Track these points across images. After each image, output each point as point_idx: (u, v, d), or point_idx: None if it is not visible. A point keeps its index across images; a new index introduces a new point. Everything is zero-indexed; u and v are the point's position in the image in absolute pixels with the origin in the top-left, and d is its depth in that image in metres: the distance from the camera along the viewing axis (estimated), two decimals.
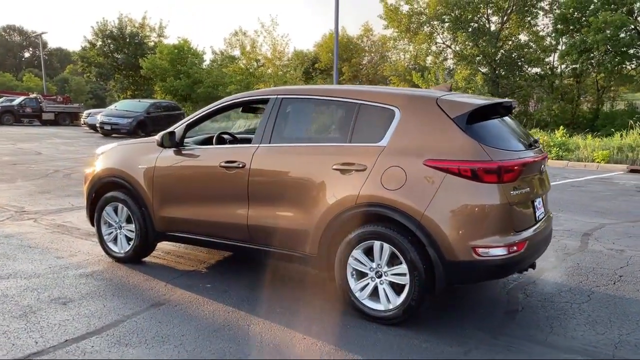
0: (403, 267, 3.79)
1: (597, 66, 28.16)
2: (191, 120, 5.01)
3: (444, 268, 3.66)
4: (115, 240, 5.41)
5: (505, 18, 31.63)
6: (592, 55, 27.86)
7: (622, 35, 27.10)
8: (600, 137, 19.98)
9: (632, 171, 13.12)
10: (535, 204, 4.10)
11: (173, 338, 3.68)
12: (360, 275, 4.02)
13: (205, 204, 4.75)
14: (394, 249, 3.80)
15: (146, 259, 5.44)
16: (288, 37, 58.28)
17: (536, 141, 4.42)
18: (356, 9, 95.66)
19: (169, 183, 4.95)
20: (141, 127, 23.12)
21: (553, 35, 30.48)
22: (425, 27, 32.36)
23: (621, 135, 17.27)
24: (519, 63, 32.26)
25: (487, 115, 4.01)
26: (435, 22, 32.09)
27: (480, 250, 3.61)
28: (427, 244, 3.68)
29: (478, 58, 31.54)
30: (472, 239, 3.62)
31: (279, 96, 4.57)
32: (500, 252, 3.63)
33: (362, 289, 4.00)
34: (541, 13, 31.61)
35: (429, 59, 33.86)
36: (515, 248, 3.68)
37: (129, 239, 5.32)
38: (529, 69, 32.68)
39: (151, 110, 23.84)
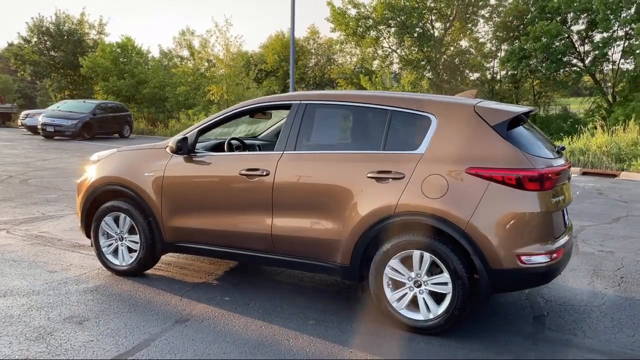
0: (445, 276, 3.76)
1: (534, 72, 29.39)
2: (204, 125, 4.80)
3: (489, 276, 3.67)
4: (115, 252, 5.11)
5: (448, 24, 32.48)
6: (530, 62, 29.08)
7: (557, 43, 28.39)
8: None
9: (585, 174, 13.72)
10: (564, 211, 4.17)
11: (215, 357, 3.49)
12: (397, 285, 3.96)
13: (223, 213, 4.56)
14: (435, 258, 3.77)
15: (148, 271, 5.15)
16: (242, 38, 57.66)
17: (563, 148, 4.51)
18: (302, 10, 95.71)
19: (182, 191, 4.72)
20: (86, 129, 22.12)
21: (494, 42, 31.58)
22: (371, 31, 32.75)
23: (571, 140, 18.05)
24: (461, 68, 33.21)
25: (517, 122, 4.05)
26: (382, 27, 32.55)
27: (524, 258, 3.64)
28: (472, 253, 3.67)
29: (422, 63, 32.27)
30: (517, 246, 3.64)
31: (302, 102, 4.45)
32: (542, 259, 3.68)
33: (400, 299, 3.95)
34: (482, 20, 32.69)
35: (376, 62, 34.32)
36: (555, 255, 3.74)
37: (131, 251, 5.04)
38: (470, 74, 33.73)
39: (97, 112, 22.83)
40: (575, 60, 29.92)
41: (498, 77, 33.14)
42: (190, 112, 26.31)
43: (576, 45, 29.67)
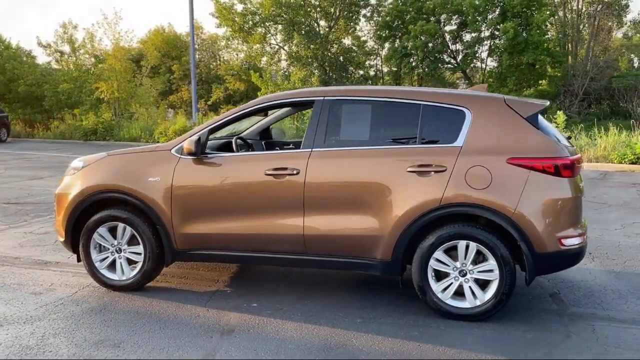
0: (491, 264, 3.92)
1: (415, 69, 31.09)
2: (216, 124, 4.55)
3: (534, 260, 3.87)
4: (111, 266, 4.67)
5: (333, 23, 33.24)
6: (411, 60, 30.73)
7: (435, 42, 30.25)
8: None
9: None
10: None
11: None
12: (442, 275, 4.04)
13: (246, 216, 4.35)
14: (481, 247, 3.91)
15: (147, 284, 4.77)
16: (133, 32, 54.10)
17: (569, 138, 4.85)
18: (183, 4, 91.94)
19: (196, 196, 4.44)
20: None
21: (377, 40, 32.86)
22: (259, 27, 32.58)
23: None
24: (346, 66, 34.15)
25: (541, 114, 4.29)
26: (270, 23, 32.52)
27: (564, 240, 3.91)
28: (519, 239, 3.86)
29: (310, 60, 32.76)
30: (558, 230, 3.90)
31: (326, 97, 4.37)
32: (577, 241, 3.98)
33: (445, 289, 4.05)
34: (363, 19, 33.88)
35: (264, 59, 34.21)
36: (584, 237, 4.05)
37: (130, 263, 4.64)
38: (355, 71, 34.80)
39: None
40: (449, 59, 32.02)
41: (381, 74, 34.54)
42: (77, 112, 24.36)
43: (449, 45, 31.76)
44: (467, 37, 31.70)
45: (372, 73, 34.60)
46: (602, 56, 31.75)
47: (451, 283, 4.05)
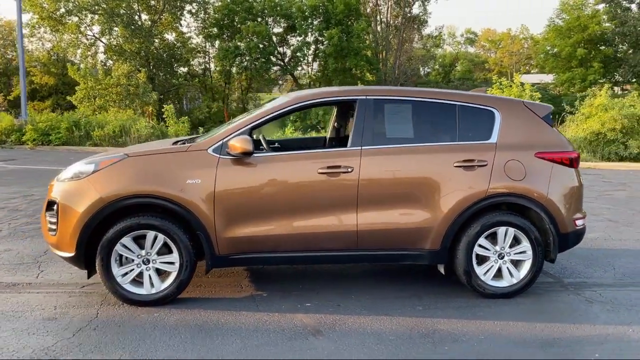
0: (525, 246, 4.48)
1: (247, 69, 31.41)
2: (258, 121, 4.38)
3: (558, 240, 4.53)
4: (136, 280, 4.22)
5: (157, 17, 31.90)
6: (244, 59, 30.99)
7: (266, 43, 30.97)
8: None
9: None
10: None
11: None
12: (483, 260, 4.48)
13: (297, 216, 4.29)
14: (518, 231, 4.44)
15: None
16: None
17: None
18: None
19: (243, 197, 4.23)
20: None
21: (207, 38, 32.40)
22: (73, 16, 29.74)
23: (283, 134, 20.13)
24: (171, 62, 33.05)
25: None
26: (86, 12, 29.89)
27: (576, 222, 4.62)
28: (548, 222, 4.48)
29: (134, 54, 30.99)
30: (573, 213, 4.61)
31: (368, 97, 4.51)
32: (583, 222, 4.74)
33: (486, 272, 4.49)
34: (188, 15, 33.12)
35: (79, 51, 31.35)
36: (586, 218, 4.81)
37: (160, 273, 4.26)
38: (180, 68, 33.84)
39: None
40: (278, 60, 32.99)
41: (209, 72, 34.10)
42: None
43: (277, 47, 32.73)
44: (293, 40, 33.01)
45: (199, 71, 33.97)
46: (407, 64, 35.50)
47: (492, 266, 4.50)
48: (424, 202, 4.38)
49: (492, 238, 4.48)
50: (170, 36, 33.12)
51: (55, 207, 4.22)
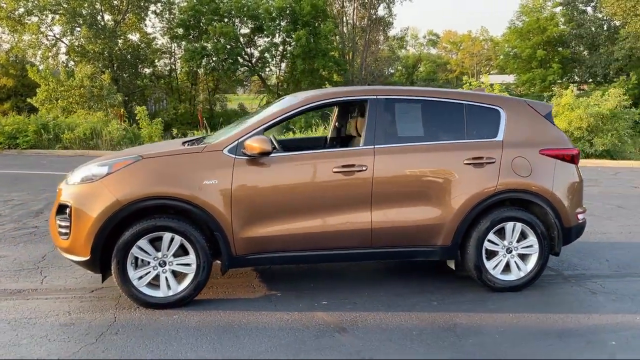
0: (531, 240, 4.63)
1: (215, 70, 31.13)
2: (271, 122, 4.40)
3: (563, 233, 4.69)
4: (151, 282, 4.18)
5: (121, 17, 31.30)
6: (211, 60, 30.71)
7: (233, 44, 30.76)
8: None
9: None
10: None
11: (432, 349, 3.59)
12: (492, 254, 4.61)
13: (313, 215, 4.32)
14: (525, 226, 4.58)
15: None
16: None
17: None
18: None
19: (259, 196, 4.24)
20: None
21: (173, 39, 31.97)
22: (33, 16, 28.90)
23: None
24: (136, 63, 32.49)
25: None
26: (47, 12, 29.09)
27: (578, 216, 4.80)
28: (553, 217, 4.63)
29: (97, 55, 30.30)
30: (575, 207, 4.79)
31: (379, 97, 4.57)
32: (583, 216, 4.92)
33: (495, 266, 4.61)
34: (153, 16, 32.62)
35: (40, 52, 30.44)
36: (586, 212, 4.99)
37: (176, 275, 4.22)
38: (145, 69, 33.28)
39: None
40: (245, 62, 32.82)
41: (175, 74, 33.65)
42: None
43: (244, 48, 32.56)
44: (260, 41, 32.91)
45: (165, 72, 33.48)
46: (373, 65, 35.85)
47: (500, 260, 4.63)
48: (436, 199, 4.48)
49: (500, 233, 4.61)
50: (134, 37, 32.58)
51: (67, 211, 4.13)
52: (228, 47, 30.60)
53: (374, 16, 35.19)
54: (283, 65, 33.29)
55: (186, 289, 4.19)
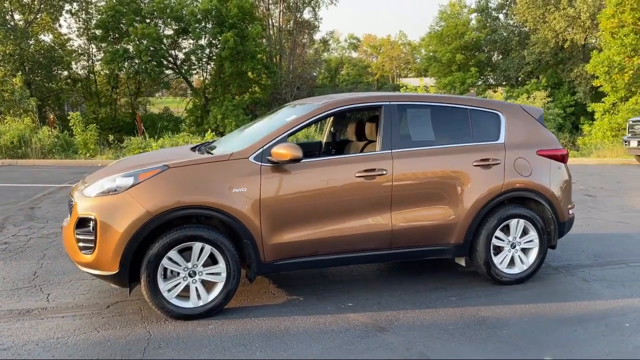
0: (532, 235, 4.97)
1: (139, 73, 30.14)
2: (293, 129, 4.43)
3: (557, 228, 5.07)
4: (181, 293, 4.11)
5: (33, 17, 29.60)
6: (134, 62, 29.72)
7: (158, 46, 29.88)
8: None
9: None
10: None
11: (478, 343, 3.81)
12: (498, 250, 4.90)
13: (338, 219, 4.41)
14: (527, 222, 4.92)
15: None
16: None
17: None
18: None
19: (287, 202, 4.26)
20: None
21: (91, 40, 30.66)
22: None
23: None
24: (50, 65, 30.85)
25: None
26: None
27: (569, 211, 5.20)
28: (551, 212, 5.00)
29: (8, 57, 28.42)
30: (567, 204, 5.18)
31: (392, 102, 4.74)
32: (573, 211, 5.32)
33: (502, 261, 4.91)
34: (68, 16, 31.10)
35: None
36: (574, 207, 5.42)
37: (205, 285, 4.18)
38: (60, 71, 31.68)
39: None
40: (170, 64, 32.05)
41: (95, 76, 32.25)
42: None
43: (169, 50, 31.76)
44: (185, 43, 32.22)
45: (83, 75, 31.98)
46: (300, 68, 36.09)
47: (506, 255, 4.93)
48: (450, 200, 4.70)
49: (504, 230, 4.90)
50: (47, 37, 30.91)
51: (91, 224, 3.97)
52: (152, 48, 29.68)
53: (300, 19, 35.44)
54: (210, 67, 32.75)
55: (216, 298, 4.14)
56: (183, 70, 32.40)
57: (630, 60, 20.37)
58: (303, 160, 4.39)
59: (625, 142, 15.79)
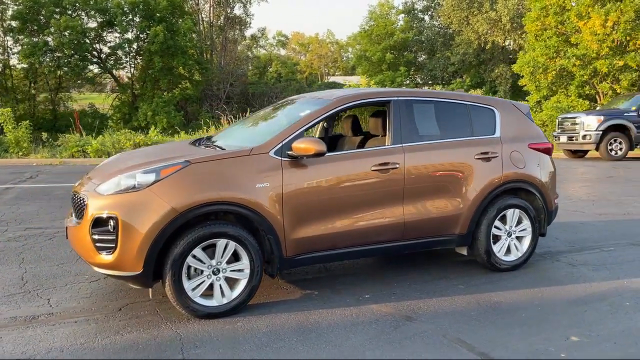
0: (525, 224, 5.24)
1: (60, 68, 28.66)
2: (308, 124, 4.42)
3: (547, 216, 5.38)
4: (206, 291, 4.02)
5: None
6: (56, 56, 28.23)
7: (83, 40, 28.51)
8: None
9: None
10: None
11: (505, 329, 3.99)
12: (496, 239, 5.14)
13: (354, 213, 4.45)
14: (522, 212, 5.19)
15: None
16: None
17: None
18: None
19: (308, 197, 4.24)
20: None
21: (7, 32, 28.79)
22: None
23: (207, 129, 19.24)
24: None
25: None
26: None
27: (555, 200, 5.54)
28: (542, 202, 5.30)
29: None
30: (554, 193, 5.51)
31: (399, 98, 4.84)
32: (557, 200, 5.65)
33: (500, 249, 5.15)
34: None
35: None
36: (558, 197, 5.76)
37: (229, 281, 4.11)
38: None
39: None
40: (95, 59, 30.71)
41: (10, 71, 30.25)
42: None
43: (94, 44, 30.41)
44: (111, 37, 30.96)
45: None
46: (232, 65, 35.56)
47: (503, 244, 5.17)
48: (456, 191, 4.87)
49: (502, 219, 5.14)
50: None
51: (112, 223, 3.79)
52: (75, 42, 28.26)
53: (230, 15, 34.95)
54: (137, 62, 31.61)
55: (240, 295, 4.06)
56: (109, 65, 31.14)
57: (553, 61, 21.72)
58: (328, 154, 4.40)
59: (556, 137, 16.85)
